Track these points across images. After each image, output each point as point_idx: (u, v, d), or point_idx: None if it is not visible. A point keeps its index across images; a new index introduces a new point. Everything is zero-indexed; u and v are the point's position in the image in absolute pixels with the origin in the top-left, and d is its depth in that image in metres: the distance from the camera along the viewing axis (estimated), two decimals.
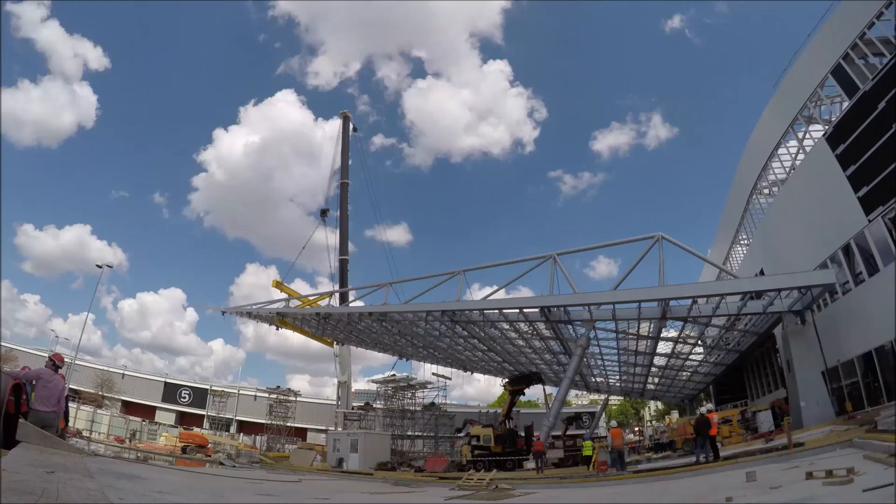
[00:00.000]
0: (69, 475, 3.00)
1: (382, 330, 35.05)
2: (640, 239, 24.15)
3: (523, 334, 31.67)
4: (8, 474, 2.66)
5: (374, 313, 31.32)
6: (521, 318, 27.54)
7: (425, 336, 34.87)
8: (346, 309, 36.22)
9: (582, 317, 26.06)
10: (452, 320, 28.38)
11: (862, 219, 20.01)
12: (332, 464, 34.16)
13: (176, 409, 63.03)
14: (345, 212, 52.84)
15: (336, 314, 36.03)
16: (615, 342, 33.01)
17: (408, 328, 33.60)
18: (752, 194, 35.67)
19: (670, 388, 49.41)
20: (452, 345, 36.47)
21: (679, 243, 23.14)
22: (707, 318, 25.92)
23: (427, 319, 30.09)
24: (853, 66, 20.98)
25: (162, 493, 12.90)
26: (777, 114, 29.76)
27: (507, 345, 35.17)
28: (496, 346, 35.45)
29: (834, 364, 22.42)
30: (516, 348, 36.08)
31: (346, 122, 56.71)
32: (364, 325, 35.55)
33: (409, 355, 44.06)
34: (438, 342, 36.06)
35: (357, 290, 37.00)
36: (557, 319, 26.40)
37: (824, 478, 8.62)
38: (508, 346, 35.66)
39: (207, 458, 32.54)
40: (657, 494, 13.56)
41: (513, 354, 37.90)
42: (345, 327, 37.75)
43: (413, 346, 39.92)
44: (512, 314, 27.67)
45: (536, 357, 38.17)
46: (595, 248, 35.36)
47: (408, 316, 30.47)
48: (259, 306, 40.21)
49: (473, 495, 16.94)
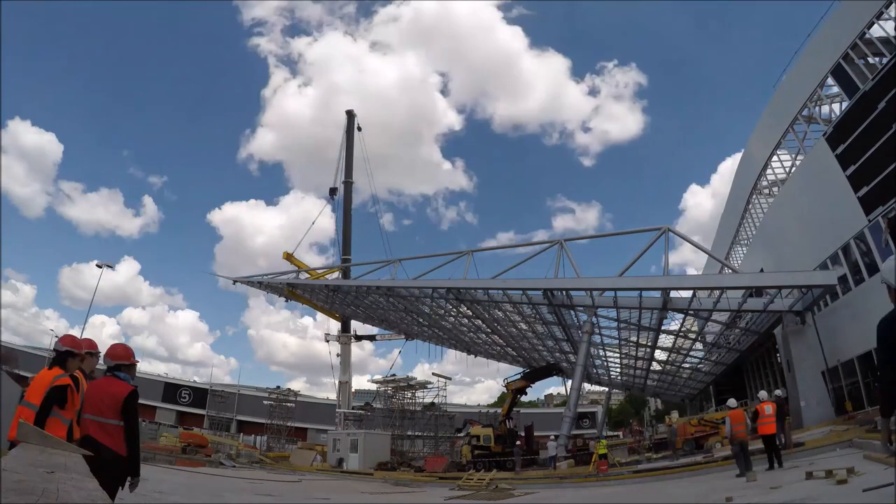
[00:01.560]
0: (69, 475, 2.99)
1: (389, 306, 35.95)
2: (647, 230, 24.45)
3: (526, 318, 31.95)
4: (8, 474, 2.66)
5: (381, 287, 32.14)
6: (524, 299, 27.67)
7: (430, 314, 35.56)
8: (355, 282, 36.85)
9: (584, 302, 26.25)
10: (457, 299, 28.84)
11: (862, 219, 20.00)
12: (332, 464, 34.16)
13: (176, 409, 62.95)
14: (348, 212, 52.29)
15: (345, 287, 37.00)
16: (616, 331, 33.25)
17: (413, 305, 34.27)
18: (752, 194, 35.68)
19: (671, 385, 49.41)
20: (457, 325, 36.98)
21: (685, 236, 23.48)
22: (707, 311, 26.00)
23: (433, 297, 30.68)
24: (853, 66, 20.97)
25: (162, 493, 12.95)
26: (777, 114, 29.76)
27: (511, 328, 35.56)
28: (499, 329, 35.84)
29: (834, 364, 22.42)
30: (519, 332, 36.44)
31: (350, 120, 56.00)
32: (371, 300, 36.46)
33: (414, 334, 44.91)
34: (443, 321, 36.65)
35: (366, 265, 37.40)
36: (560, 303, 26.53)
37: (824, 478, 8.63)
38: (511, 330, 36.03)
39: (207, 458, 32.49)
40: (657, 494, 13.56)
41: (515, 339, 38.26)
42: (353, 301, 38.74)
43: (418, 325, 40.60)
44: (516, 296, 27.93)
45: (539, 343, 38.44)
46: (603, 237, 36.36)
47: (414, 292, 31.13)
48: (270, 277, 41.29)
49: (473, 495, 16.97)
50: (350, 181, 53.19)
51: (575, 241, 26.21)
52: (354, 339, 51.11)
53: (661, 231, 23.16)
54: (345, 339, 49.17)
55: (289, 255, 49.02)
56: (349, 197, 52.86)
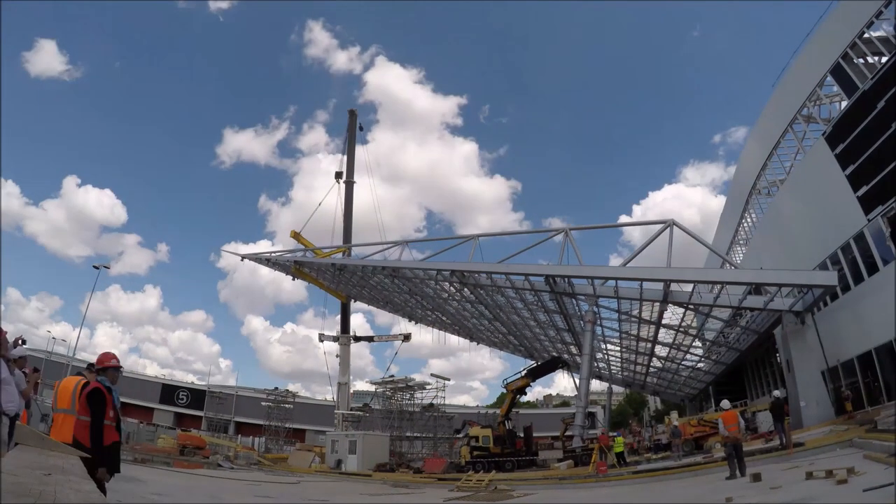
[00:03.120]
0: (67, 477, 2.95)
1: (394, 287, 36.34)
2: (652, 222, 24.89)
3: (529, 305, 32.08)
4: (4, 476, 2.61)
5: (386, 268, 32.66)
6: (526, 285, 27.83)
7: (434, 297, 36.02)
8: (361, 261, 37.13)
9: (586, 291, 26.37)
10: (461, 282, 29.04)
11: (861, 218, 19.99)
12: (331, 465, 34.07)
13: (174, 411, 62.79)
14: (349, 212, 51.82)
15: (351, 266, 37.43)
16: (617, 323, 33.36)
17: (418, 287, 34.63)
18: (752, 194, 35.69)
19: (671, 383, 49.44)
20: (460, 310, 37.29)
21: (690, 231, 23.47)
22: (708, 307, 26.05)
23: (437, 279, 30.99)
24: (852, 66, 20.99)
25: (160, 494, 12.89)
26: (776, 113, 29.77)
27: (513, 315, 35.65)
28: (502, 316, 35.99)
29: (834, 364, 22.42)
30: (521, 320, 36.59)
31: (353, 119, 55.39)
32: (377, 281, 36.94)
33: (418, 318, 44.92)
34: (447, 305, 37.06)
35: (373, 245, 37.46)
36: (562, 291, 26.62)
37: (824, 478, 8.61)
38: (514, 317, 36.16)
39: (205, 460, 32.37)
40: (657, 495, 13.54)
41: (518, 327, 38.43)
42: (358, 281, 39.28)
43: (422, 308, 40.73)
44: (518, 281, 28.14)
45: (541, 332, 38.61)
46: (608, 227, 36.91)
47: (418, 273, 31.50)
48: (278, 254, 42.24)
49: (472, 496, 16.93)
50: (352, 181, 52.76)
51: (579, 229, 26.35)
52: (353, 339, 50.90)
53: (666, 224, 23.30)
54: (344, 340, 48.92)
55: (296, 233, 48.74)
56: (350, 196, 52.35)
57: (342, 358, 49.18)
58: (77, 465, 3.24)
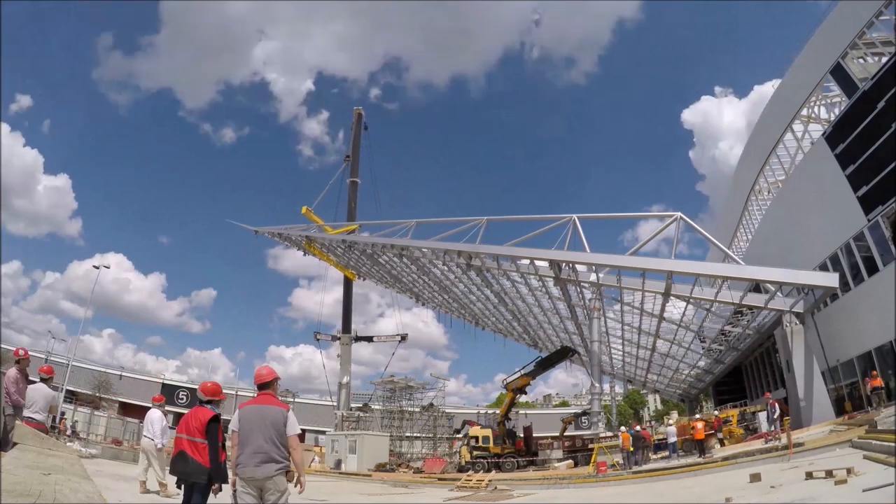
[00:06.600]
0: (66, 477, 2.96)
1: (402, 266, 37.26)
2: (660, 215, 25.04)
3: (534, 290, 32.39)
4: (5, 476, 2.62)
5: (395, 246, 33.27)
6: (531, 270, 28.08)
7: (442, 279, 36.63)
8: (370, 238, 37.60)
9: (589, 278, 26.52)
10: (468, 264, 29.34)
11: (861, 218, 20.00)
12: (331, 465, 34.07)
13: (174, 411, 62.79)
14: (352, 211, 51.80)
15: (361, 243, 37.91)
16: (620, 314, 33.59)
17: (426, 268, 35.25)
18: (751, 194, 35.71)
19: (671, 381, 49.48)
20: (467, 293, 37.87)
21: (696, 226, 23.52)
22: (709, 301, 26.09)
23: (444, 260, 31.45)
24: (852, 66, 21.01)
25: (157, 494, 12.84)
26: (776, 113, 29.79)
27: (518, 300, 36.02)
28: (507, 301, 36.33)
29: (834, 364, 22.43)
30: (526, 306, 37.02)
31: (358, 119, 55.11)
32: (385, 259, 37.53)
33: (425, 300, 45.65)
34: (454, 287, 37.55)
35: (383, 223, 38.27)
36: (566, 278, 26.79)
37: (824, 478, 8.61)
38: (519, 303, 36.54)
39: None
40: (657, 495, 13.53)
41: (523, 313, 38.86)
42: (368, 258, 39.76)
43: (429, 290, 41.29)
44: (524, 267, 28.45)
45: (545, 320, 38.89)
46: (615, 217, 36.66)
47: (426, 253, 31.97)
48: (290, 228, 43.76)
49: (472, 496, 16.94)
50: (356, 180, 52.68)
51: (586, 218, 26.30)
52: (353, 339, 50.88)
53: (673, 218, 23.28)
54: (345, 340, 48.93)
55: (307, 209, 48.92)
56: (354, 197, 52.21)
57: (343, 358, 49.20)
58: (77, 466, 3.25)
